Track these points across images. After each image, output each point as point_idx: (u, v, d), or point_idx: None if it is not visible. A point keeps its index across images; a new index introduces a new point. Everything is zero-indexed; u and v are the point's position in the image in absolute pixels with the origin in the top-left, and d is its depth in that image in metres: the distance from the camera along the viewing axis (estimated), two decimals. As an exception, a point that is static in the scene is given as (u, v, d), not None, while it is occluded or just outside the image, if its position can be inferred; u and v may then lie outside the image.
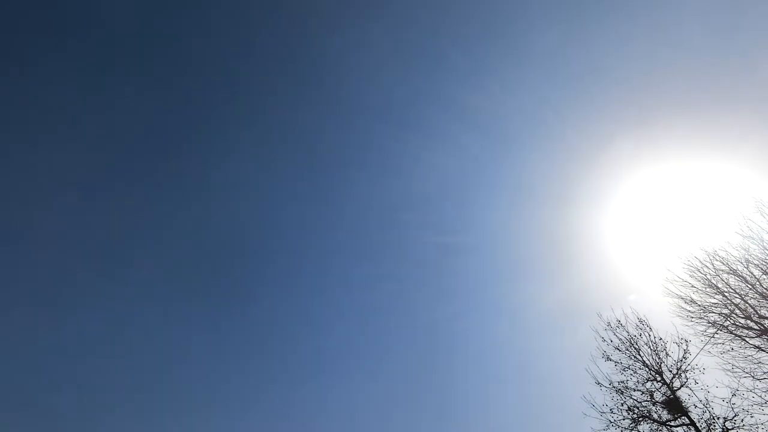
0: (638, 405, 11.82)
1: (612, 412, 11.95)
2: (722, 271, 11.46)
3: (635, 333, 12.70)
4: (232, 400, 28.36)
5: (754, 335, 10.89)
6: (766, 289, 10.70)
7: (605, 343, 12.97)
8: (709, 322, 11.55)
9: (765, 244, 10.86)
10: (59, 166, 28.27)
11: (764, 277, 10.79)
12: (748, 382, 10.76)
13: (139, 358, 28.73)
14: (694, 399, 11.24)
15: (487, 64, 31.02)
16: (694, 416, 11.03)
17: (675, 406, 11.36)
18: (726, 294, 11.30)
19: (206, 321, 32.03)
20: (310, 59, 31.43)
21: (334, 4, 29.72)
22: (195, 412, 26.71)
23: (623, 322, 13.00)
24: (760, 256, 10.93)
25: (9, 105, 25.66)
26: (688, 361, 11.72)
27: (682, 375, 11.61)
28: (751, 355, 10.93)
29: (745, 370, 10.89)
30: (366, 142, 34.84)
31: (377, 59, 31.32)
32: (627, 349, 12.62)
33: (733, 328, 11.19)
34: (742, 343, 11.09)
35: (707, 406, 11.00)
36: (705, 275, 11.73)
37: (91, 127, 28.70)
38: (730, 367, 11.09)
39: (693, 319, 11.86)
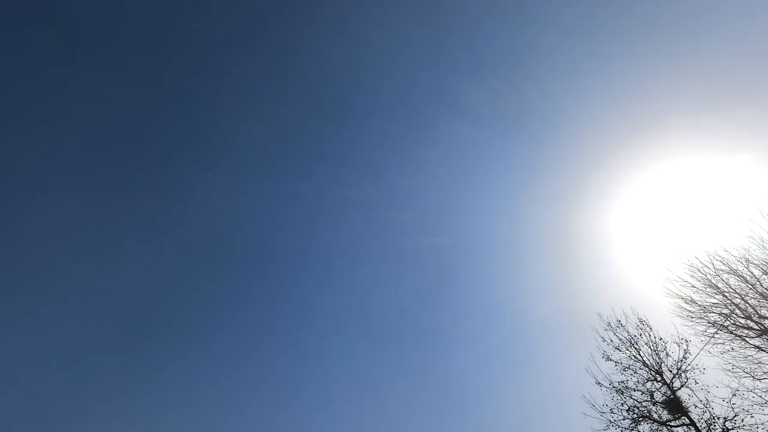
0: (638, 405, 11.82)
1: (612, 412, 11.96)
2: (722, 271, 11.47)
3: (635, 333, 12.72)
4: (229, 402, 28.37)
5: (754, 335, 10.89)
6: (766, 289, 10.70)
7: (605, 343, 13.01)
8: (710, 322, 11.56)
9: (765, 244, 10.87)
10: (58, 165, 28.29)
11: (764, 277, 10.79)
12: (748, 382, 10.78)
13: (138, 360, 28.72)
14: (695, 399, 11.26)
15: (491, 60, 31.07)
16: (694, 416, 11.03)
17: (675, 406, 11.35)
18: (726, 294, 11.30)
19: (205, 323, 32.05)
20: (311, 59, 31.48)
21: (335, 4, 29.78)
22: (193, 415, 26.70)
23: (623, 322, 13.02)
24: (760, 256, 10.94)
25: (7, 105, 25.71)
26: (688, 361, 11.72)
27: (683, 375, 11.62)
28: (751, 355, 10.95)
29: (745, 370, 10.90)
30: (366, 142, 34.89)
31: (379, 59, 31.38)
32: (627, 349, 12.63)
33: (733, 328, 11.19)
34: (742, 343, 11.10)
35: (707, 406, 11.00)
36: (705, 275, 11.74)
37: (88, 127, 28.75)
38: (730, 367, 11.13)
39: (693, 319, 11.88)
